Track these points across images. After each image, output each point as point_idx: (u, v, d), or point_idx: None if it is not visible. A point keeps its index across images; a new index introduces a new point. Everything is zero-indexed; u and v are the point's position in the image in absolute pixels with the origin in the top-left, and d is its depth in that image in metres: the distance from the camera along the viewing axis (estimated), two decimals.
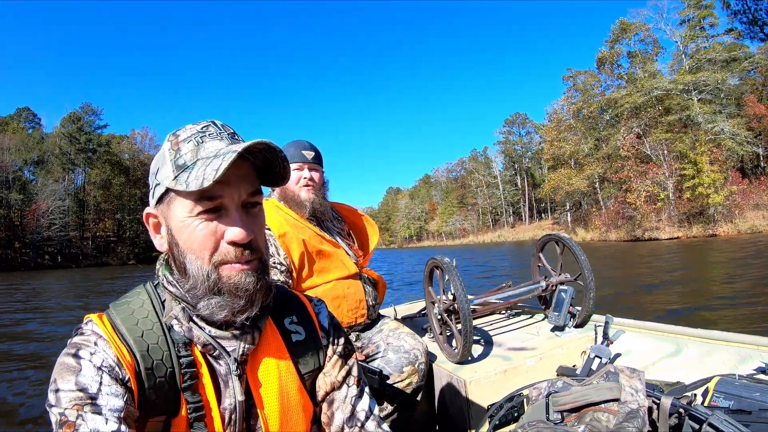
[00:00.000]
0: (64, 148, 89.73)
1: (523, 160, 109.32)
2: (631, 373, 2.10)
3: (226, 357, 1.26)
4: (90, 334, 1.18)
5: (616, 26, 65.12)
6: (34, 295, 25.07)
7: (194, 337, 1.24)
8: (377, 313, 3.34)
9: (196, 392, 1.21)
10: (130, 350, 1.17)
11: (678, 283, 13.75)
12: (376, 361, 2.94)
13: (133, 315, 1.24)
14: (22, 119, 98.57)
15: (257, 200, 1.26)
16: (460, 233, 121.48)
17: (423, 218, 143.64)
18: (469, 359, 3.21)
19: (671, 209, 53.27)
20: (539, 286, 3.80)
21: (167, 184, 1.19)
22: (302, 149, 3.22)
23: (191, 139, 1.21)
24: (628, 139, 59.29)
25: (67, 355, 1.13)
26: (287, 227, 3.01)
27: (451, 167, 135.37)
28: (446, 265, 3.29)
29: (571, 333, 3.50)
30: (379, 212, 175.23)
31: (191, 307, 1.24)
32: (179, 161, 1.18)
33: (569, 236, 3.77)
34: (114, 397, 1.08)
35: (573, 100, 72.53)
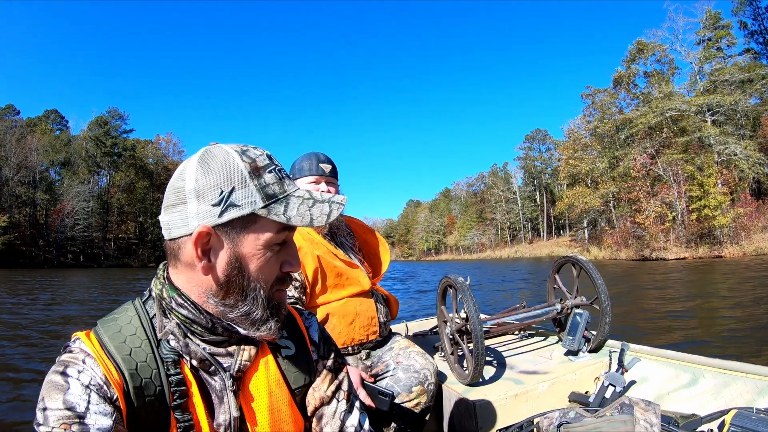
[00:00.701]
0: (91, 150, 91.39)
1: (542, 176, 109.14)
2: (647, 406, 2.03)
3: (222, 372, 1.23)
4: (78, 352, 1.14)
5: (633, 46, 65.22)
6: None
7: (191, 353, 1.21)
8: (389, 330, 3.27)
9: (187, 411, 1.17)
10: (118, 369, 1.14)
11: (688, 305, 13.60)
12: (385, 380, 2.88)
13: (120, 332, 1.20)
14: (50, 121, 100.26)
15: None
16: (477, 248, 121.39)
17: (442, 232, 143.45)
18: (480, 381, 3.13)
19: (680, 230, 53.25)
20: (554, 309, 3.72)
21: (254, 210, 1.13)
22: (319, 162, 3.14)
23: (270, 169, 1.19)
24: (639, 160, 59.21)
25: (55, 373, 1.10)
26: (302, 242, 2.95)
27: (471, 181, 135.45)
28: (460, 284, 3.20)
29: (585, 358, 3.41)
30: (398, 224, 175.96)
31: (204, 328, 1.21)
32: (267, 190, 1.15)
33: (586, 258, 3.69)
34: (102, 416, 1.05)
35: (591, 118, 72.47)
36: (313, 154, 3.19)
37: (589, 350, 3.49)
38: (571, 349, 3.47)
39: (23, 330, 11.64)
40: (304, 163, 3.13)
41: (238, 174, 1.14)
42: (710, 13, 58.17)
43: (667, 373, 3.04)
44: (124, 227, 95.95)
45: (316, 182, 3.11)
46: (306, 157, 3.18)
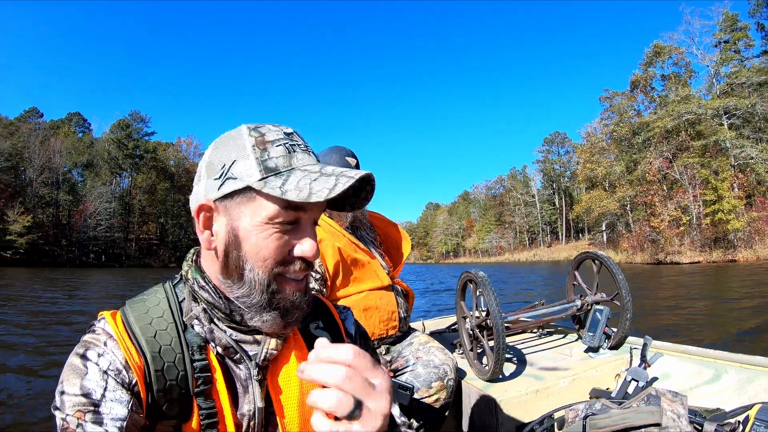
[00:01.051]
0: (113, 153, 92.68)
1: (561, 179, 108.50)
2: (674, 397, 2.00)
3: (247, 361, 1.19)
4: (101, 333, 1.13)
5: (650, 49, 64.95)
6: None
7: (215, 339, 1.18)
8: (408, 325, 3.24)
9: (210, 398, 1.15)
10: (140, 351, 1.11)
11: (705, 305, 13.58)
12: (405, 375, 2.86)
13: (147, 314, 1.18)
14: (73, 124, 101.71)
15: (318, 219, 1.21)
16: (496, 251, 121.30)
17: (460, 234, 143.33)
18: (500, 377, 3.10)
19: (694, 234, 53.13)
20: (574, 305, 3.68)
21: (250, 182, 1.08)
22: (345, 156, 3.12)
23: (281, 143, 1.13)
24: (655, 164, 59.11)
25: (76, 355, 1.09)
26: (323, 234, 2.92)
27: (490, 184, 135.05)
28: (480, 279, 3.18)
29: (605, 355, 3.36)
30: (417, 227, 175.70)
31: (221, 312, 1.18)
32: (269, 163, 1.09)
33: (608, 255, 3.63)
34: (118, 404, 1.04)
35: (608, 122, 72.28)
36: (339, 148, 3.18)
37: (610, 347, 3.44)
38: (591, 346, 3.42)
39: (61, 317, 12.30)
40: (330, 157, 3.11)
41: (241, 148, 1.12)
42: (727, 15, 57.84)
43: (690, 368, 2.99)
44: (145, 228, 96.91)
45: None
46: (331, 151, 3.16)
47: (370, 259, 3.06)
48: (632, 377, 2.75)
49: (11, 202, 74.98)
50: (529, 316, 3.86)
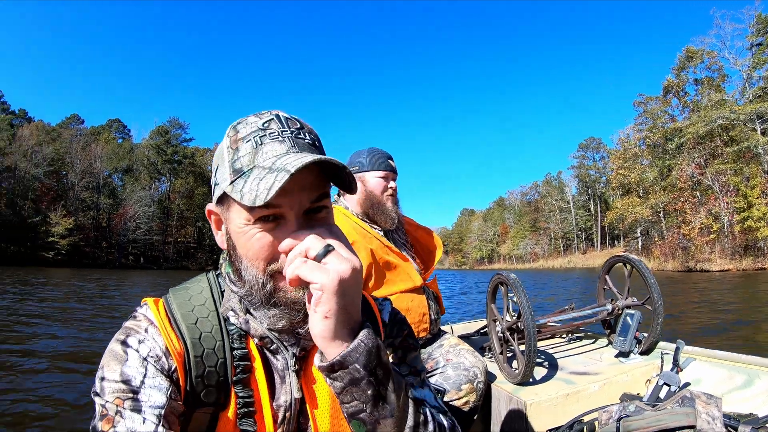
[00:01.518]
0: (152, 158, 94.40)
1: (596, 185, 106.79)
2: (708, 400, 1.98)
3: (285, 351, 1.19)
4: (142, 320, 1.14)
5: (682, 54, 64.12)
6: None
7: (251, 330, 1.17)
8: (438, 327, 3.22)
9: (248, 387, 1.15)
10: (180, 337, 1.13)
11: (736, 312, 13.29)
12: (435, 377, 2.82)
13: (190, 301, 1.20)
14: (113, 130, 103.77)
15: (323, 204, 1.12)
16: (530, 257, 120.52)
17: (495, 241, 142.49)
18: (530, 381, 3.07)
19: (725, 241, 52.33)
20: (605, 309, 3.64)
21: (224, 188, 1.10)
22: (387, 158, 3.14)
23: (250, 138, 1.10)
24: (686, 170, 58.41)
25: (117, 341, 1.10)
26: (356, 235, 2.91)
27: (525, 190, 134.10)
28: (512, 281, 3.15)
29: (636, 359, 3.32)
30: (452, 233, 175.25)
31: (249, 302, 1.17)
32: (236, 164, 1.09)
33: (639, 258, 3.58)
34: (157, 391, 1.03)
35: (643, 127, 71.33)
36: (380, 150, 3.19)
37: (641, 352, 3.39)
38: (622, 351, 3.37)
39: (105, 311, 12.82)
40: (375, 157, 3.13)
41: (221, 151, 1.16)
42: (759, 17, 56.32)
43: (722, 374, 2.95)
44: (183, 231, 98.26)
45: (385, 178, 3.11)
46: (375, 152, 3.17)
47: (402, 261, 3.05)
48: (664, 381, 2.70)
49: (54, 205, 76.79)
50: (559, 320, 3.82)
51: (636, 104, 73.07)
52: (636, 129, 72.99)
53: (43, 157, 77.40)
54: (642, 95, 71.95)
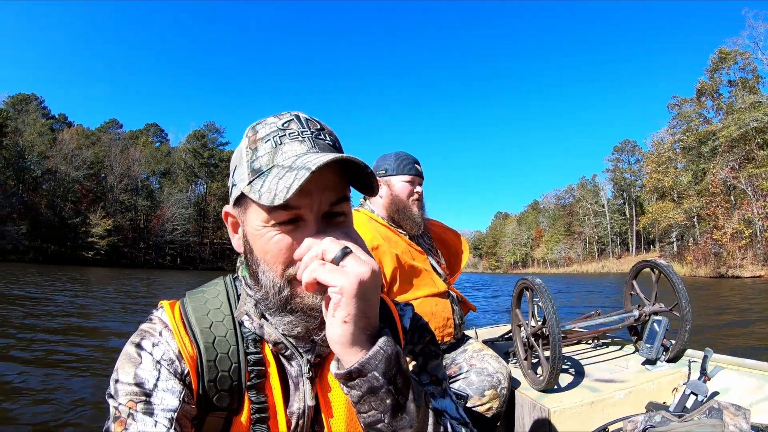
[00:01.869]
0: (189, 161, 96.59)
1: (631, 189, 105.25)
2: (737, 411, 1.94)
3: (299, 358, 1.18)
4: (157, 323, 1.14)
5: (714, 55, 63.39)
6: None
7: (265, 335, 1.16)
8: (462, 332, 3.18)
9: (262, 392, 1.13)
10: (194, 341, 1.12)
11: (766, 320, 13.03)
12: (458, 383, 2.80)
13: (205, 305, 1.19)
14: (151, 134, 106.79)
15: (341, 210, 1.09)
16: (564, 262, 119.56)
17: (529, 245, 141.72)
18: (554, 388, 3.03)
19: (757, 247, 51.44)
20: (631, 315, 3.57)
21: (242, 189, 1.07)
22: (414, 162, 3.12)
23: (269, 138, 1.08)
24: (718, 175, 57.66)
25: (132, 344, 1.10)
26: (380, 239, 2.90)
27: (559, 194, 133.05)
28: (537, 286, 3.12)
29: (663, 367, 3.25)
30: (486, 237, 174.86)
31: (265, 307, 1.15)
32: (255, 164, 1.06)
33: (668, 264, 3.51)
34: (170, 394, 1.04)
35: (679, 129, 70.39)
36: (407, 154, 3.17)
37: (668, 359, 3.31)
38: (648, 358, 3.31)
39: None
40: (401, 162, 3.11)
41: (239, 152, 1.13)
42: None
43: (751, 383, 2.87)
44: (219, 233, 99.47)
45: (411, 182, 3.09)
46: (401, 156, 3.15)
47: (427, 266, 3.03)
48: (691, 391, 2.62)
49: (93, 207, 79.03)
50: (585, 326, 3.77)
51: (670, 106, 72.32)
52: (670, 132, 72.25)
53: (83, 160, 79.51)
54: (676, 97, 71.38)
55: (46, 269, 42.70)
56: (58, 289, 20.51)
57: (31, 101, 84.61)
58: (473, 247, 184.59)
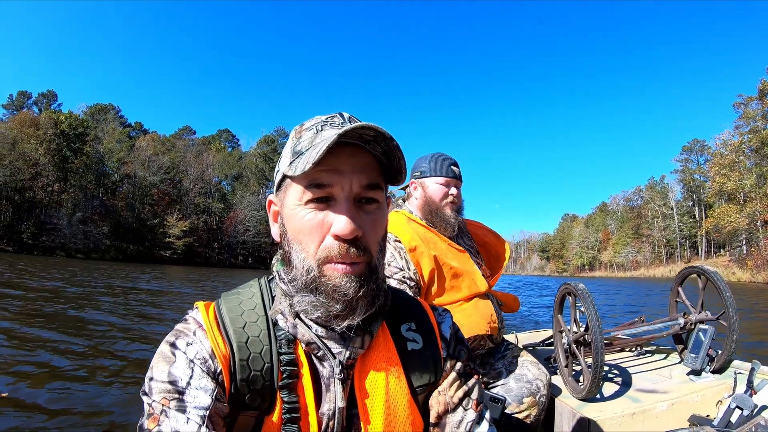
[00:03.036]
0: (260, 166, 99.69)
1: (701, 190, 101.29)
2: None
3: (331, 359, 1.15)
4: (191, 323, 1.16)
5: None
6: None
7: (298, 334, 1.15)
8: (502, 336, 3.11)
9: (294, 392, 1.11)
10: (227, 340, 1.12)
11: None
12: (497, 389, 2.73)
13: (240, 306, 1.20)
14: (223, 139, 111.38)
15: (374, 196, 1.12)
16: (631, 265, 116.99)
17: (596, 247, 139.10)
18: (595, 397, 2.94)
19: None
20: (676, 323, 3.46)
21: (283, 170, 1.14)
22: (450, 164, 3.04)
23: (313, 128, 1.14)
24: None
25: (167, 343, 1.11)
26: (419, 241, 2.84)
27: (627, 195, 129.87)
28: (581, 291, 3.03)
29: (708, 378, 3.12)
30: (554, 239, 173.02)
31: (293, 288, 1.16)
32: (297, 148, 1.12)
33: (715, 270, 3.37)
34: (203, 392, 1.05)
35: (744, 129, 68.21)
36: (444, 156, 3.10)
37: (713, 370, 3.18)
38: (693, 368, 3.20)
39: None
40: (436, 163, 3.04)
41: (287, 144, 1.19)
42: None
43: None
44: None
45: (446, 184, 3.02)
46: (437, 157, 3.08)
47: (468, 267, 2.95)
48: (737, 404, 2.49)
49: (170, 209, 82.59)
50: (629, 334, 3.64)
51: (736, 105, 70.08)
52: (738, 133, 70.04)
53: (159, 166, 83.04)
54: (742, 95, 69.05)
55: (140, 267, 46.27)
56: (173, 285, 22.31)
57: (108, 111, 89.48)
58: (540, 249, 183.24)
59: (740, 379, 2.82)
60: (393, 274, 2.69)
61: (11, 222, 67.97)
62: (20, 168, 68.00)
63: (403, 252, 2.77)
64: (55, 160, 72.30)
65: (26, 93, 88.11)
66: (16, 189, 68.02)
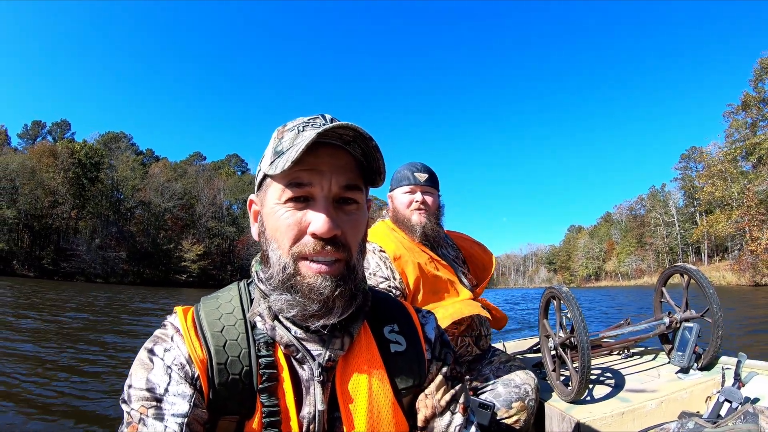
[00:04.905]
0: None
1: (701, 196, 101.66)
2: None
3: (310, 361, 1.14)
4: (169, 328, 1.14)
5: (757, 65, 62.13)
6: None
7: (277, 337, 1.14)
8: (489, 344, 3.07)
9: (274, 396, 1.10)
10: (205, 345, 1.11)
11: None
12: (485, 394, 2.68)
13: (218, 309, 1.18)
14: (232, 164, 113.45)
15: (353, 197, 1.12)
16: (635, 273, 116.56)
17: (601, 257, 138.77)
18: (584, 399, 2.92)
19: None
20: (662, 323, 3.43)
21: (264, 170, 1.14)
22: (414, 171, 3.00)
23: (294, 128, 1.13)
24: (752, 188, 57.95)
25: (145, 349, 1.10)
26: (402, 250, 2.82)
27: (630, 204, 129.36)
28: (565, 294, 3.01)
29: (695, 376, 3.09)
30: (560, 251, 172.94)
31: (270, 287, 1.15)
32: (278, 148, 1.11)
33: (697, 268, 3.36)
34: (180, 398, 1.04)
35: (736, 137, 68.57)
36: (411, 164, 3.06)
37: (700, 367, 3.16)
38: (680, 366, 3.18)
39: None
40: (401, 173, 3.02)
41: (269, 145, 1.18)
42: None
43: None
44: None
45: (411, 192, 2.98)
46: (403, 167, 3.05)
47: (451, 277, 2.91)
48: (725, 398, 2.49)
49: (184, 234, 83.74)
50: (615, 336, 3.61)
51: (726, 115, 70.22)
52: (727, 142, 70.75)
53: (172, 193, 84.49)
54: (732, 105, 69.08)
55: (161, 289, 47.80)
56: None
57: (120, 139, 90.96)
58: (548, 261, 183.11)
59: (728, 374, 2.79)
60: (379, 284, 2.67)
61: (31, 248, 68.95)
62: (39, 196, 69.16)
63: (388, 261, 2.75)
64: (73, 188, 73.63)
65: (40, 123, 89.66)
66: (35, 216, 69.14)
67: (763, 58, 61.06)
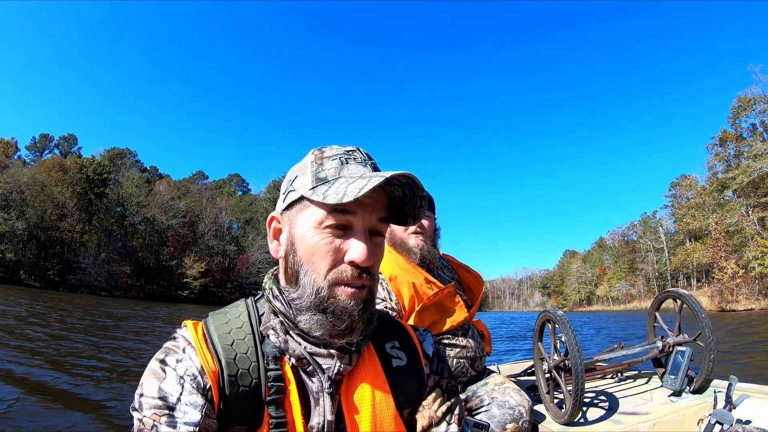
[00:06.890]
0: (270, 210, 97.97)
1: None
2: None
3: (320, 374, 1.15)
4: (181, 340, 1.15)
5: (735, 104, 63.15)
6: None
7: (289, 350, 1.15)
8: (483, 365, 3.04)
9: (281, 408, 1.11)
10: (216, 357, 1.12)
11: None
12: (480, 416, 2.65)
13: (227, 324, 1.19)
14: (233, 184, 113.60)
15: (382, 231, 1.18)
16: (626, 298, 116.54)
17: (593, 282, 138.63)
18: (578, 421, 2.90)
19: (755, 284, 55.63)
20: (655, 347, 3.43)
21: (303, 192, 1.13)
22: None
23: (336, 157, 1.16)
24: (721, 223, 61.54)
25: (156, 360, 1.11)
26: (398, 270, 2.82)
27: (623, 231, 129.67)
28: (559, 318, 3.01)
29: (688, 398, 3.08)
30: (554, 275, 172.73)
31: (290, 322, 1.16)
32: (320, 174, 1.13)
33: (689, 293, 3.36)
34: (192, 408, 1.05)
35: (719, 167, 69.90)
36: None
37: (693, 390, 3.15)
38: (673, 389, 3.16)
39: None
40: None
41: (303, 165, 1.19)
42: None
43: None
44: None
45: None
46: None
47: (448, 298, 2.90)
48: (717, 420, 2.49)
49: (186, 251, 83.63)
50: (608, 359, 3.58)
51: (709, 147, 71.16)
52: (708, 176, 72.86)
53: (175, 212, 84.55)
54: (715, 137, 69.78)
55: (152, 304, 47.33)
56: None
57: (125, 155, 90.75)
58: (542, 285, 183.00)
59: (720, 397, 2.79)
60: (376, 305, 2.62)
61: (37, 259, 69.14)
62: (47, 209, 69.49)
63: (385, 283, 2.76)
64: (80, 203, 73.91)
65: (48, 136, 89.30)
66: (42, 228, 69.45)
67: (740, 97, 62.17)
